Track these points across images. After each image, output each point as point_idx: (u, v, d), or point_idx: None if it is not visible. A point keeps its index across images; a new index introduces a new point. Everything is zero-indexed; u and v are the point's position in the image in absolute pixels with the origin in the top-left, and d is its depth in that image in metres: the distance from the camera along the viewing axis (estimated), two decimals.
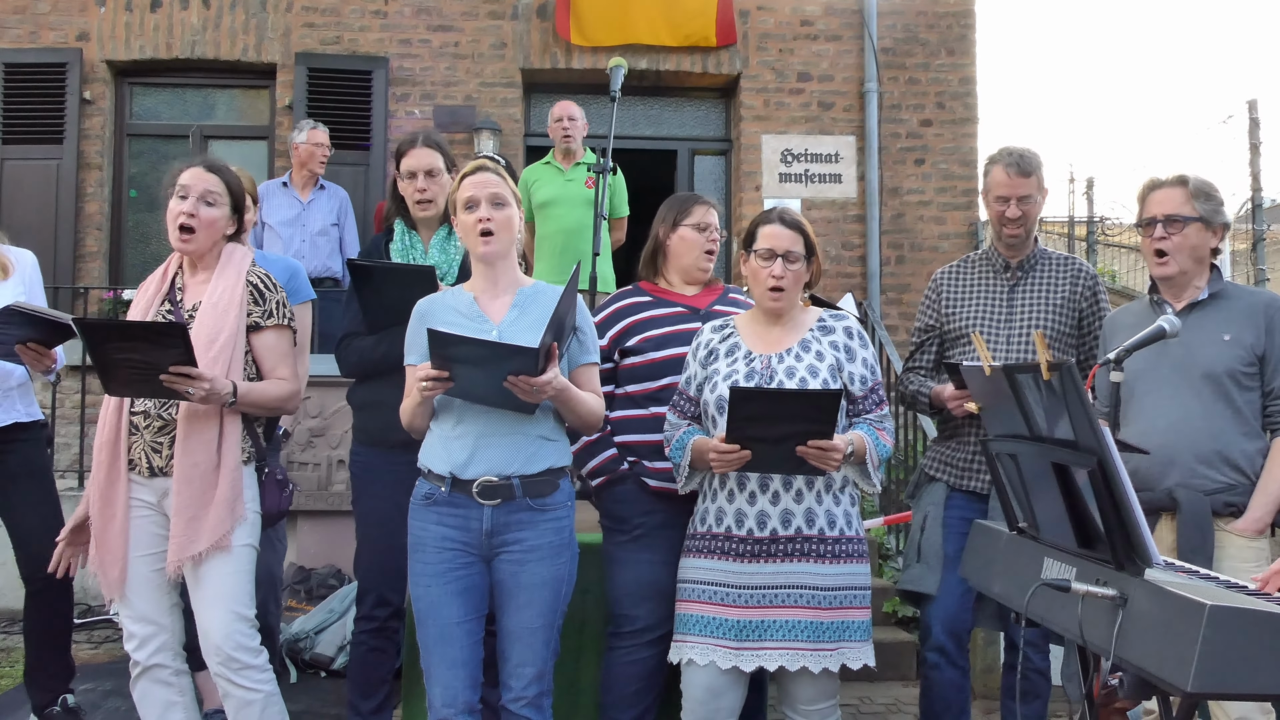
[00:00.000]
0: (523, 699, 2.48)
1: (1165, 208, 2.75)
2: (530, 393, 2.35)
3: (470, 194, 2.53)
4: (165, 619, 2.71)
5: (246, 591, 2.70)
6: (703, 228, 2.98)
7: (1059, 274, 3.11)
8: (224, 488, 2.64)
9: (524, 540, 2.48)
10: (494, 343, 2.37)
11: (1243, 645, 1.52)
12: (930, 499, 3.13)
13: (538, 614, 2.49)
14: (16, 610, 3.92)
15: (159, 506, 2.69)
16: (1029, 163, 3.03)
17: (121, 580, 2.65)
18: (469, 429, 2.48)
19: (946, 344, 3.20)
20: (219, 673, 2.64)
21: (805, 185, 7.50)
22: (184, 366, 2.50)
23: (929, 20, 7.70)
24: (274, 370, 2.80)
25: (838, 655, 2.52)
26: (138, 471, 2.68)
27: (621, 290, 3.09)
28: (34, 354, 3.09)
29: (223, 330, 2.70)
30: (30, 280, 3.47)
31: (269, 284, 2.83)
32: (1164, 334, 2.50)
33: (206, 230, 2.75)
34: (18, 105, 7.10)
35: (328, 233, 6.06)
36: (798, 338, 2.65)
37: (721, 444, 2.44)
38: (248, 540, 2.71)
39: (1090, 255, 11.32)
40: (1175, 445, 2.66)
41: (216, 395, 2.59)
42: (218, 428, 2.66)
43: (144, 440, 2.68)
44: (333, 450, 5.33)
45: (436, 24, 7.39)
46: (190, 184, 2.74)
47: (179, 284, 2.82)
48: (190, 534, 2.61)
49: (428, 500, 2.51)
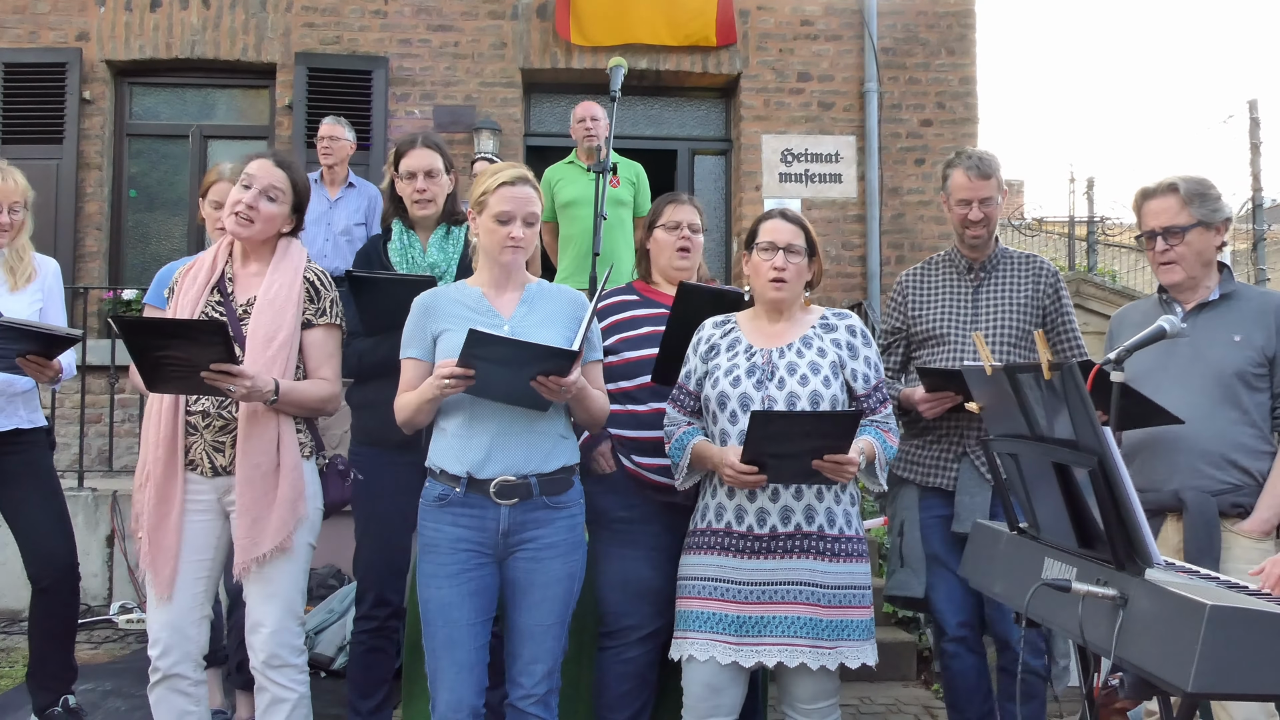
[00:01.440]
0: (532, 696, 2.47)
1: (1162, 220, 2.75)
2: (558, 393, 2.36)
3: (507, 209, 2.49)
4: (192, 630, 2.67)
5: (301, 590, 2.70)
6: (672, 227, 2.99)
7: (1021, 273, 3.15)
8: (285, 488, 2.63)
9: (540, 538, 2.48)
10: (533, 344, 2.36)
11: (1243, 645, 1.51)
12: (904, 503, 3.18)
13: (550, 611, 2.49)
14: (16, 610, 3.92)
15: (219, 505, 2.67)
16: (988, 165, 3.10)
17: (173, 579, 2.61)
18: (484, 428, 2.46)
19: (913, 345, 3.24)
20: (259, 667, 2.64)
21: (805, 185, 7.50)
22: (225, 364, 2.47)
23: (929, 20, 7.70)
24: (318, 369, 2.76)
25: (837, 654, 2.52)
26: (199, 471, 2.65)
27: (614, 289, 3.11)
28: (35, 366, 3.06)
29: (282, 328, 2.67)
30: (50, 289, 3.47)
31: (325, 281, 2.80)
32: (1164, 334, 2.49)
33: (264, 224, 2.71)
34: (17, 105, 7.10)
35: (350, 233, 5.93)
36: (799, 333, 2.65)
37: (737, 463, 2.44)
38: (308, 539, 2.70)
39: (1090, 255, 11.33)
40: (1182, 445, 2.65)
41: (258, 393, 2.55)
42: (276, 427, 2.64)
43: (205, 440, 2.65)
44: (333, 450, 5.32)
45: (436, 24, 7.39)
46: (256, 174, 2.68)
47: (229, 274, 2.77)
48: (254, 535, 2.60)
49: (441, 501, 2.49)
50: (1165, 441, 2.66)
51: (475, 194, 2.58)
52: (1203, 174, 2.80)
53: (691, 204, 3.05)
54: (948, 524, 3.06)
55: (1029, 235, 12.69)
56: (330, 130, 5.84)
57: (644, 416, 2.88)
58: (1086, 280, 8.19)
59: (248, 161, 2.74)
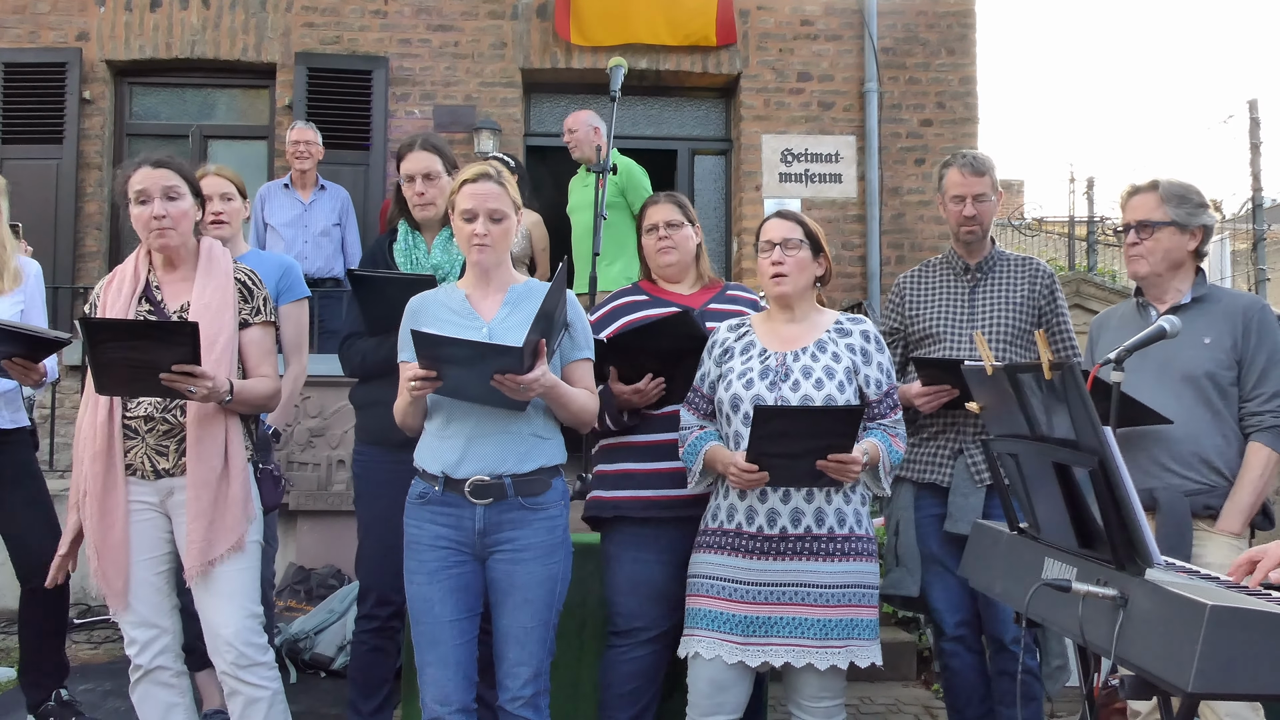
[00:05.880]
0: (519, 699, 2.48)
1: (1138, 214, 2.81)
2: (518, 391, 2.35)
3: (469, 206, 2.51)
4: (166, 621, 2.70)
5: (256, 588, 2.71)
6: (649, 229, 3.01)
7: (1017, 274, 3.19)
8: (236, 488, 2.65)
9: (517, 539, 2.48)
10: (478, 342, 2.37)
11: (1243, 645, 1.51)
12: (900, 503, 3.19)
13: (532, 614, 2.49)
14: (16, 610, 3.92)
15: (161, 507, 2.68)
16: (982, 164, 3.16)
17: (126, 590, 2.63)
18: (460, 428, 2.48)
19: (911, 345, 3.28)
20: (228, 671, 2.64)
21: (805, 185, 7.50)
22: (188, 365, 2.49)
23: (929, 20, 7.70)
24: (258, 368, 2.79)
25: (846, 653, 2.52)
26: (140, 476, 2.65)
27: (621, 289, 3.13)
28: (19, 369, 3.01)
29: (222, 331, 2.69)
30: (32, 292, 3.45)
31: (254, 280, 2.83)
32: (1164, 334, 2.52)
33: (181, 225, 2.71)
34: (18, 105, 7.10)
35: (329, 233, 6.09)
36: (814, 337, 2.65)
37: (742, 463, 2.45)
38: (256, 537, 2.72)
39: (1090, 255, 11.34)
40: (1156, 445, 2.69)
41: (216, 394, 2.58)
42: (224, 429, 2.66)
43: (146, 445, 2.65)
44: (333, 450, 5.33)
45: (436, 24, 7.39)
46: (147, 185, 2.68)
47: (154, 282, 2.77)
48: (210, 537, 2.61)
49: (422, 499, 2.52)
50: (1139, 441, 2.70)
51: (449, 198, 2.60)
52: (1196, 181, 2.86)
53: (668, 201, 3.04)
54: (943, 523, 3.08)
55: (1029, 235, 12.70)
56: (302, 135, 5.95)
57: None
58: (1086, 280, 8.18)
59: (126, 181, 2.71)
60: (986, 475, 2.97)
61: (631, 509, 2.87)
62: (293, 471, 5.26)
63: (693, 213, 3.06)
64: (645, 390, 2.80)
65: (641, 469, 2.88)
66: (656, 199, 3.07)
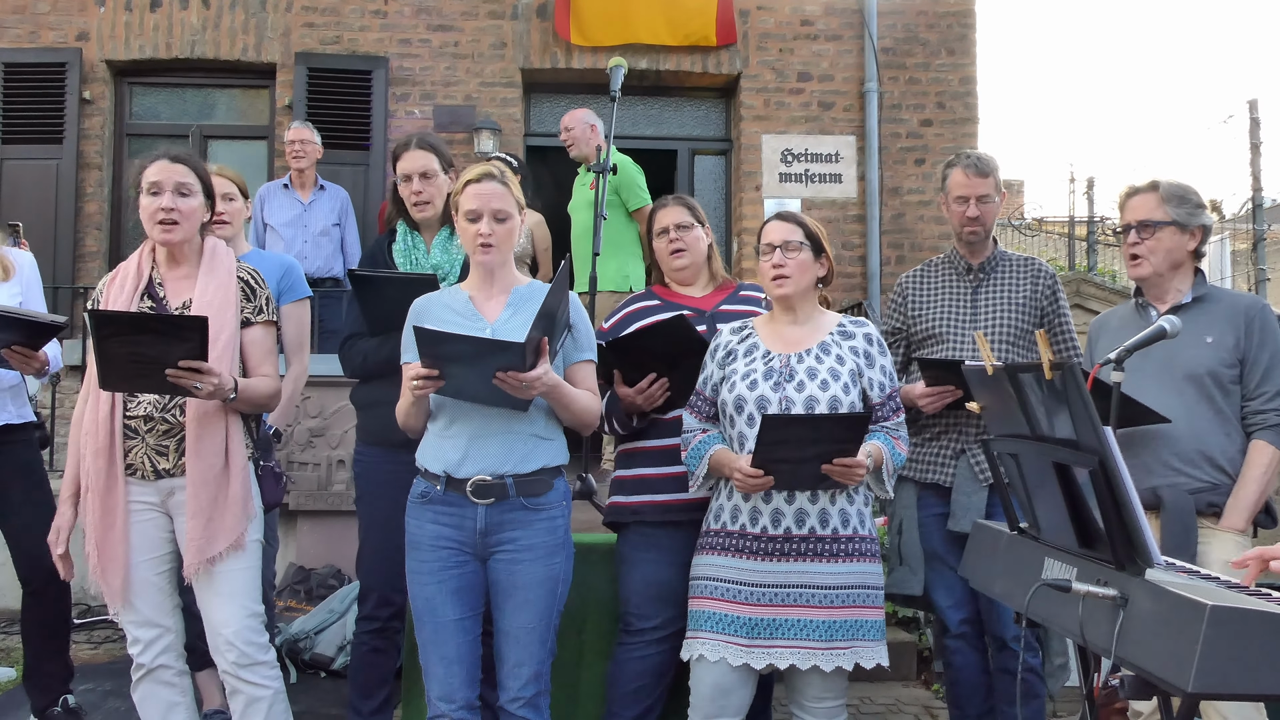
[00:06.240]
0: (520, 699, 2.48)
1: (1138, 214, 2.81)
2: (520, 389, 2.35)
3: (473, 206, 2.51)
4: (168, 620, 2.70)
5: (258, 588, 2.71)
6: (659, 233, 3.02)
7: (1020, 275, 3.20)
8: (236, 486, 2.64)
9: (518, 540, 2.49)
10: (480, 339, 2.36)
11: (1244, 645, 1.51)
12: (902, 502, 3.20)
13: (533, 614, 2.49)
14: (17, 610, 3.91)
15: (162, 506, 2.67)
16: (987, 165, 3.17)
17: (124, 588, 2.63)
18: (462, 428, 2.48)
19: (913, 346, 3.29)
20: (229, 670, 2.64)
21: (805, 185, 7.50)
22: (195, 361, 2.47)
23: (929, 20, 7.70)
24: (259, 367, 2.78)
25: (851, 654, 2.51)
26: (140, 476, 2.65)
27: (635, 294, 3.14)
28: (20, 357, 2.99)
29: (224, 329, 2.68)
30: (28, 281, 3.43)
31: (257, 279, 2.83)
32: (1164, 334, 2.53)
33: (188, 221, 2.71)
34: (17, 105, 7.10)
35: (329, 233, 6.09)
36: (817, 339, 2.65)
37: (747, 468, 2.45)
38: (257, 536, 2.72)
39: (1090, 255, 11.34)
40: (1159, 444, 2.70)
41: (222, 391, 2.57)
42: (225, 427, 2.65)
43: (147, 444, 2.64)
44: (333, 450, 5.33)
45: (436, 24, 7.39)
46: (161, 179, 2.69)
47: (157, 279, 2.76)
48: (209, 535, 2.60)
49: (423, 499, 2.53)
50: (1142, 440, 2.71)
51: (452, 199, 2.59)
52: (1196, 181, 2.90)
53: (676, 204, 3.04)
54: (946, 522, 3.08)
55: (1029, 235, 12.70)
56: (299, 134, 5.95)
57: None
58: (1086, 280, 8.19)
59: (142, 171, 2.72)
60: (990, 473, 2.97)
61: (651, 513, 2.89)
62: (293, 471, 5.26)
63: (702, 214, 3.07)
64: (648, 392, 2.81)
65: (659, 473, 2.89)
66: (665, 202, 3.07)
